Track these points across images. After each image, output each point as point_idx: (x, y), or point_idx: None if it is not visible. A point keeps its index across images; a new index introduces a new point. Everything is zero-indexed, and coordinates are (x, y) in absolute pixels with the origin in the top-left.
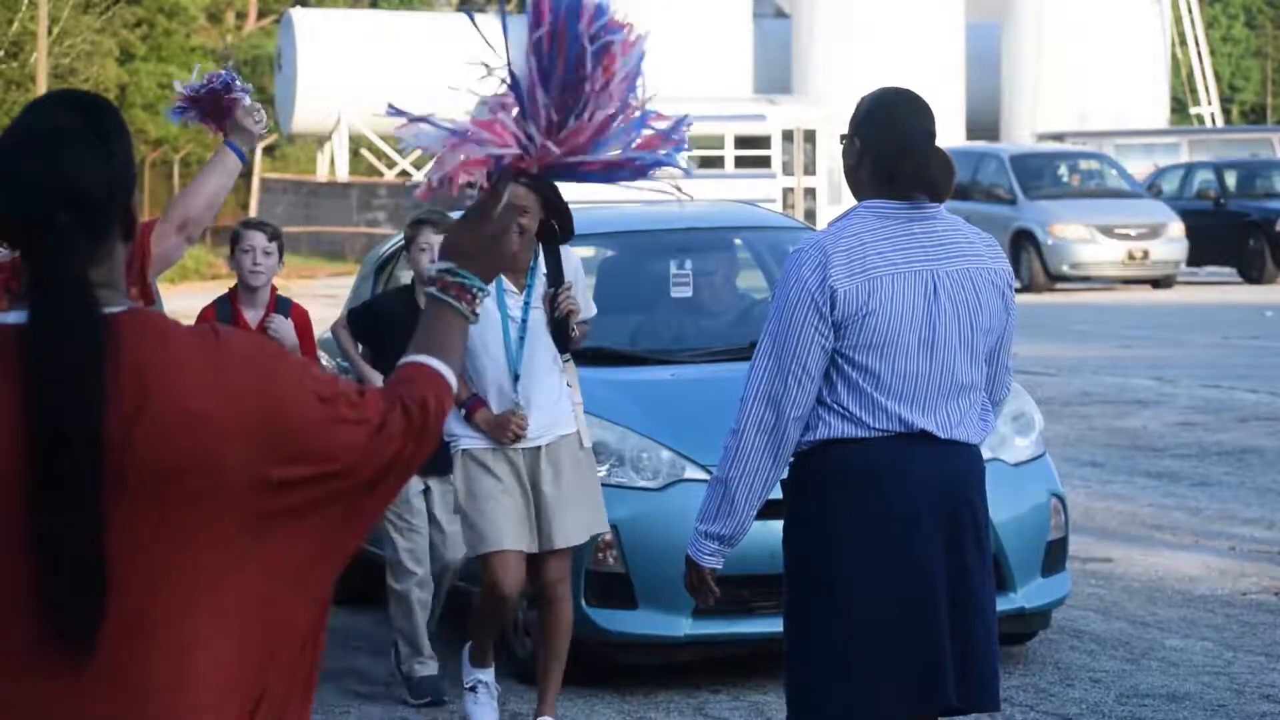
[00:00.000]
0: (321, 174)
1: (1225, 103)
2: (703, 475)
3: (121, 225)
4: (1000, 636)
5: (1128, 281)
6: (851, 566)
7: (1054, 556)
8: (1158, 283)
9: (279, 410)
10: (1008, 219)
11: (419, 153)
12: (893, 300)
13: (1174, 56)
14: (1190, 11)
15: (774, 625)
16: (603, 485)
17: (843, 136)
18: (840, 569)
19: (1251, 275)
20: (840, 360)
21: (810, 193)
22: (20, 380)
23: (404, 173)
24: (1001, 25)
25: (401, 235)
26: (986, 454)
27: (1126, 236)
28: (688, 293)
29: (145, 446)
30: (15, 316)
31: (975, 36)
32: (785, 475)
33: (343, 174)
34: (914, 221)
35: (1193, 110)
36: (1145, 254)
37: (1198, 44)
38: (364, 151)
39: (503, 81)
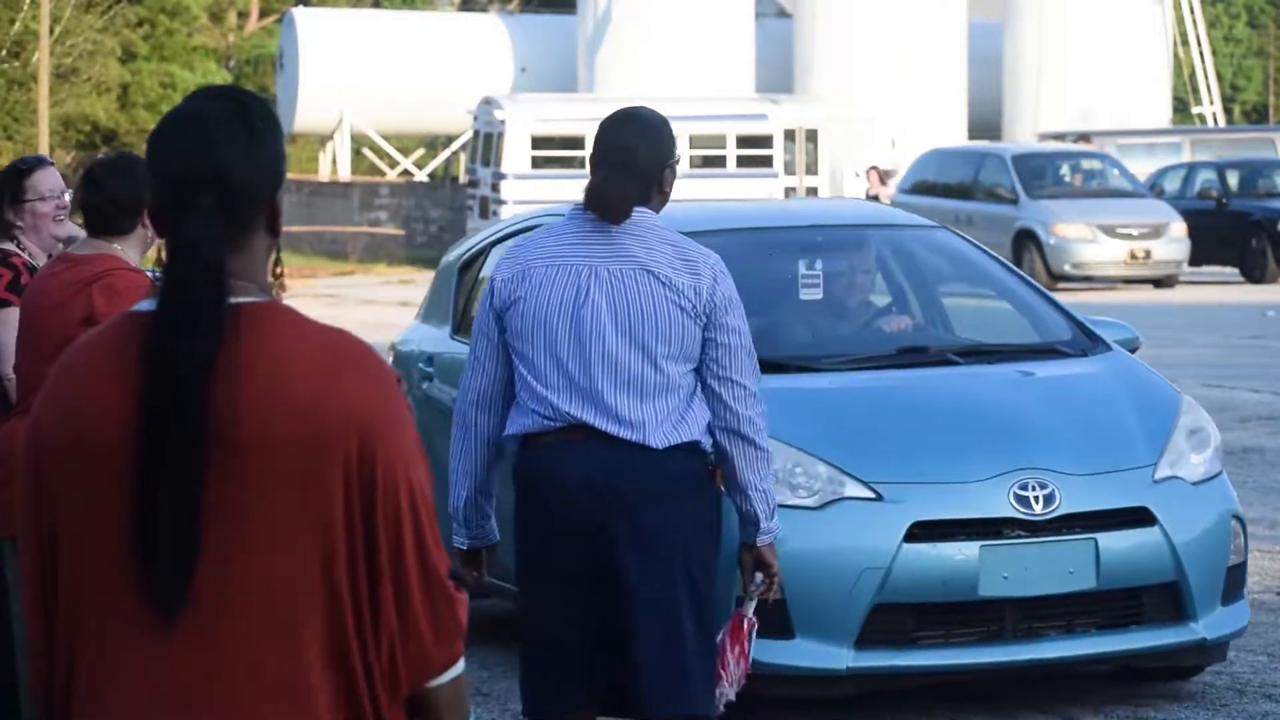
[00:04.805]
0: (323, 173)
1: (1227, 102)
2: (866, 493)
3: (266, 218)
4: (1172, 670)
5: (1130, 281)
6: (526, 567)
7: (1233, 583)
8: (1160, 282)
9: (381, 424)
10: (1010, 219)
11: (421, 151)
12: (539, 287)
13: (1176, 56)
14: (1192, 11)
15: (941, 657)
16: None
17: None
18: (522, 568)
19: (1253, 275)
20: (511, 352)
21: (812, 192)
22: (140, 361)
23: (406, 172)
24: (1003, 25)
25: (485, 236)
26: (1166, 471)
27: (1128, 236)
28: (818, 294)
29: (254, 430)
30: (148, 305)
31: (977, 36)
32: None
33: (345, 173)
34: (606, 230)
35: (1195, 110)
36: (1147, 254)
37: (1199, 44)
38: (366, 151)
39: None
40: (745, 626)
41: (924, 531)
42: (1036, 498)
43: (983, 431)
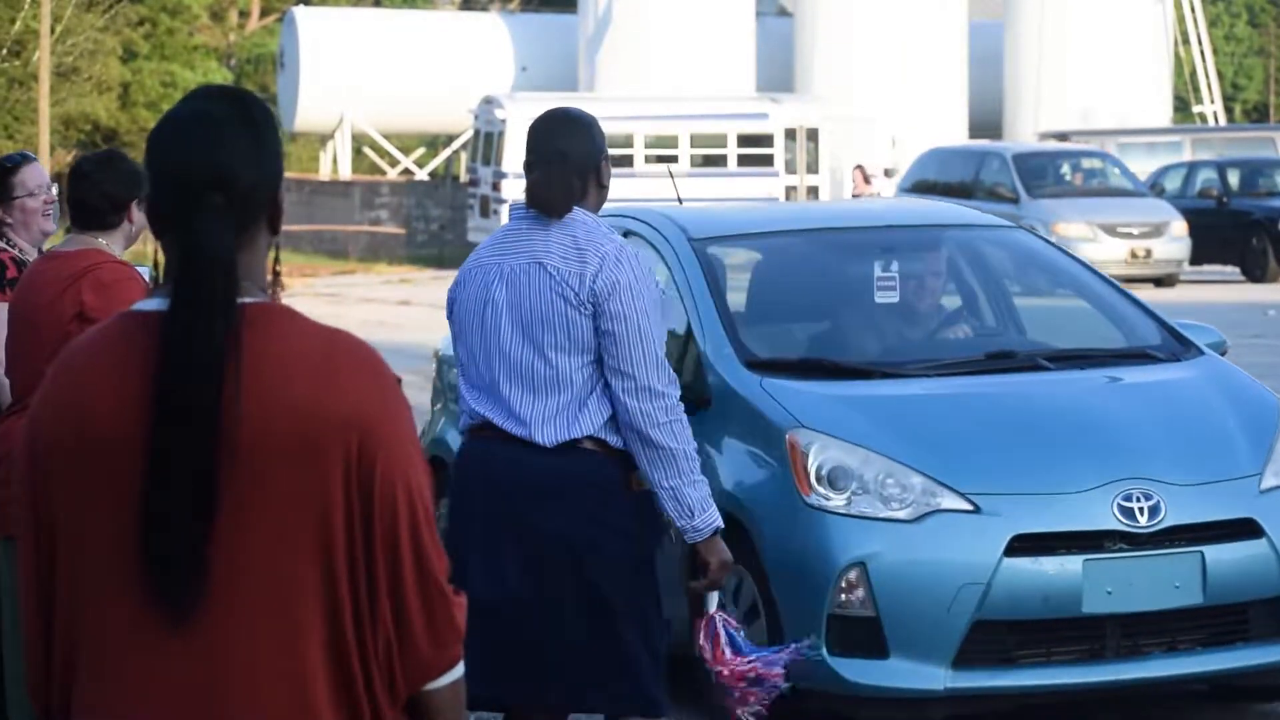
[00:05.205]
0: (324, 172)
1: (1228, 101)
2: (963, 504)
3: (268, 216)
4: (1262, 690)
5: (1130, 280)
6: (454, 553)
7: None
8: (1160, 281)
9: (380, 424)
10: (1010, 218)
11: (422, 150)
12: (464, 291)
13: (1176, 55)
14: (1193, 10)
15: (1042, 677)
16: (844, 516)
17: None
18: (455, 553)
19: (1254, 274)
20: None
21: (813, 191)
22: (152, 361)
23: (406, 171)
24: (1003, 25)
25: None
26: (1271, 481)
27: (1129, 235)
28: (894, 298)
29: (255, 430)
30: (157, 304)
31: (978, 35)
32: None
33: (345, 172)
34: (538, 226)
35: (1195, 109)
36: (1148, 253)
37: (1200, 43)
38: (366, 150)
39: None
40: (705, 626)
41: (1024, 545)
42: (1141, 509)
43: (1082, 440)
